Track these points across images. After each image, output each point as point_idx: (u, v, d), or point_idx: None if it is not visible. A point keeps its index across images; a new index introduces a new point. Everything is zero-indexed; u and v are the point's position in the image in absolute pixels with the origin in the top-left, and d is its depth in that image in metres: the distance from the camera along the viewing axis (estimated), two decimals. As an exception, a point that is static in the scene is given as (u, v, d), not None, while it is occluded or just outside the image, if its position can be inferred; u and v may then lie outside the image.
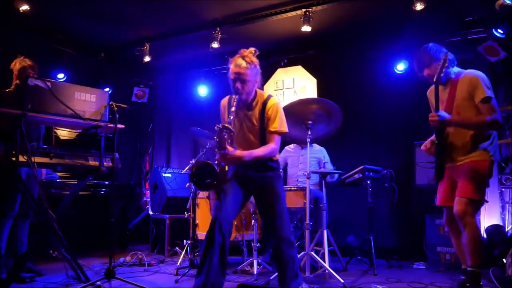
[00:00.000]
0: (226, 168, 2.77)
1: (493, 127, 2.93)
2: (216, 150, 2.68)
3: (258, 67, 2.82)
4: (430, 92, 3.24)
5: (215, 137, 2.64)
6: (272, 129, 2.79)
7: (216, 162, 2.73)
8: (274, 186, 2.84)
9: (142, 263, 4.44)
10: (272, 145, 2.79)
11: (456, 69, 3.06)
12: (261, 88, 2.97)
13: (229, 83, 2.81)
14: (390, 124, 5.31)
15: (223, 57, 6.07)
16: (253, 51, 2.82)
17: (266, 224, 2.92)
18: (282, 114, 2.85)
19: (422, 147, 3.21)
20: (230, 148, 2.64)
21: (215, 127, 2.67)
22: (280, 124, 2.81)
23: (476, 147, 2.92)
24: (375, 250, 4.28)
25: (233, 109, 2.73)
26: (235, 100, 2.77)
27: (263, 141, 2.82)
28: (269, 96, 2.87)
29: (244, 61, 2.74)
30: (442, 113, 2.90)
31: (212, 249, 2.60)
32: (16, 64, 3.63)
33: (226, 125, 2.61)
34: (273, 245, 2.85)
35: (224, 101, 2.99)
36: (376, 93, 5.38)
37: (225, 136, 2.62)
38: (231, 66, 2.78)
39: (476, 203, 2.90)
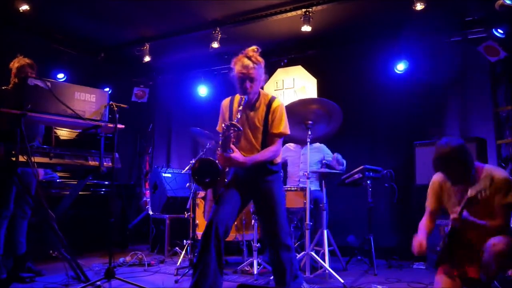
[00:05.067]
0: (227, 169, 2.75)
1: (505, 232, 2.56)
2: (219, 149, 2.65)
3: (263, 65, 2.83)
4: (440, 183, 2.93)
5: (221, 135, 2.62)
6: (276, 131, 2.77)
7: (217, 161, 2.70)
8: (274, 190, 2.81)
9: (142, 263, 4.43)
10: (273, 148, 2.77)
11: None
12: (262, 88, 2.96)
13: (235, 84, 2.78)
14: (390, 124, 5.30)
15: (223, 57, 6.11)
16: (256, 49, 2.82)
17: (264, 228, 2.90)
18: (286, 116, 2.84)
19: (416, 248, 2.66)
20: (234, 149, 2.63)
21: (223, 125, 2.66)
22: (284, 126, 2.80)
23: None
24: (375, 250, 4.28)
25: (240, 107, 2.71)
26: (244, 99, 2.74)
27: (264, 143, 2.80)
28: (274, 98, 2.87)
29: (251, 60, 2.74)
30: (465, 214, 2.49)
31: (209, 252, 2.58)
32: (15, 63, 3.63)
33: (234, 122, 2.60)
34: (270, 249, 2.83)
35: (226, 102, 2.96)
36: (376, 93, 5.38)
37: (231, 135, 2.61)
38: (237, 67, 2.76)
39: None
